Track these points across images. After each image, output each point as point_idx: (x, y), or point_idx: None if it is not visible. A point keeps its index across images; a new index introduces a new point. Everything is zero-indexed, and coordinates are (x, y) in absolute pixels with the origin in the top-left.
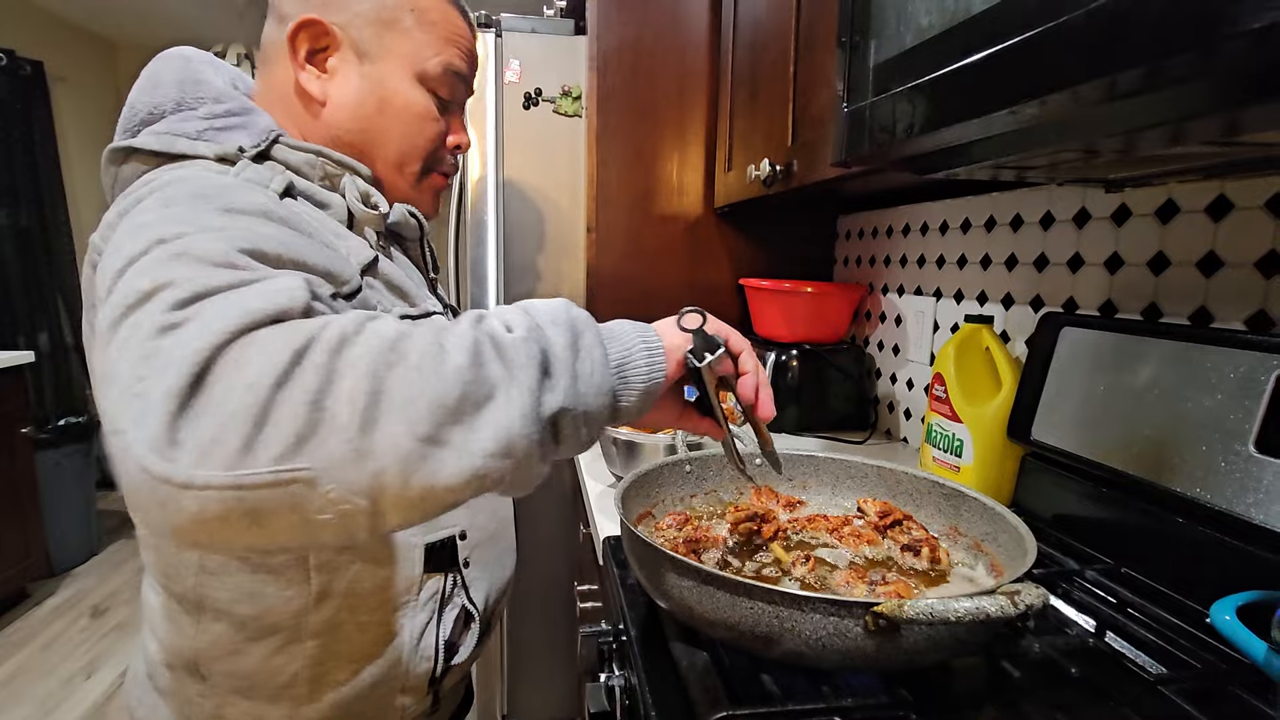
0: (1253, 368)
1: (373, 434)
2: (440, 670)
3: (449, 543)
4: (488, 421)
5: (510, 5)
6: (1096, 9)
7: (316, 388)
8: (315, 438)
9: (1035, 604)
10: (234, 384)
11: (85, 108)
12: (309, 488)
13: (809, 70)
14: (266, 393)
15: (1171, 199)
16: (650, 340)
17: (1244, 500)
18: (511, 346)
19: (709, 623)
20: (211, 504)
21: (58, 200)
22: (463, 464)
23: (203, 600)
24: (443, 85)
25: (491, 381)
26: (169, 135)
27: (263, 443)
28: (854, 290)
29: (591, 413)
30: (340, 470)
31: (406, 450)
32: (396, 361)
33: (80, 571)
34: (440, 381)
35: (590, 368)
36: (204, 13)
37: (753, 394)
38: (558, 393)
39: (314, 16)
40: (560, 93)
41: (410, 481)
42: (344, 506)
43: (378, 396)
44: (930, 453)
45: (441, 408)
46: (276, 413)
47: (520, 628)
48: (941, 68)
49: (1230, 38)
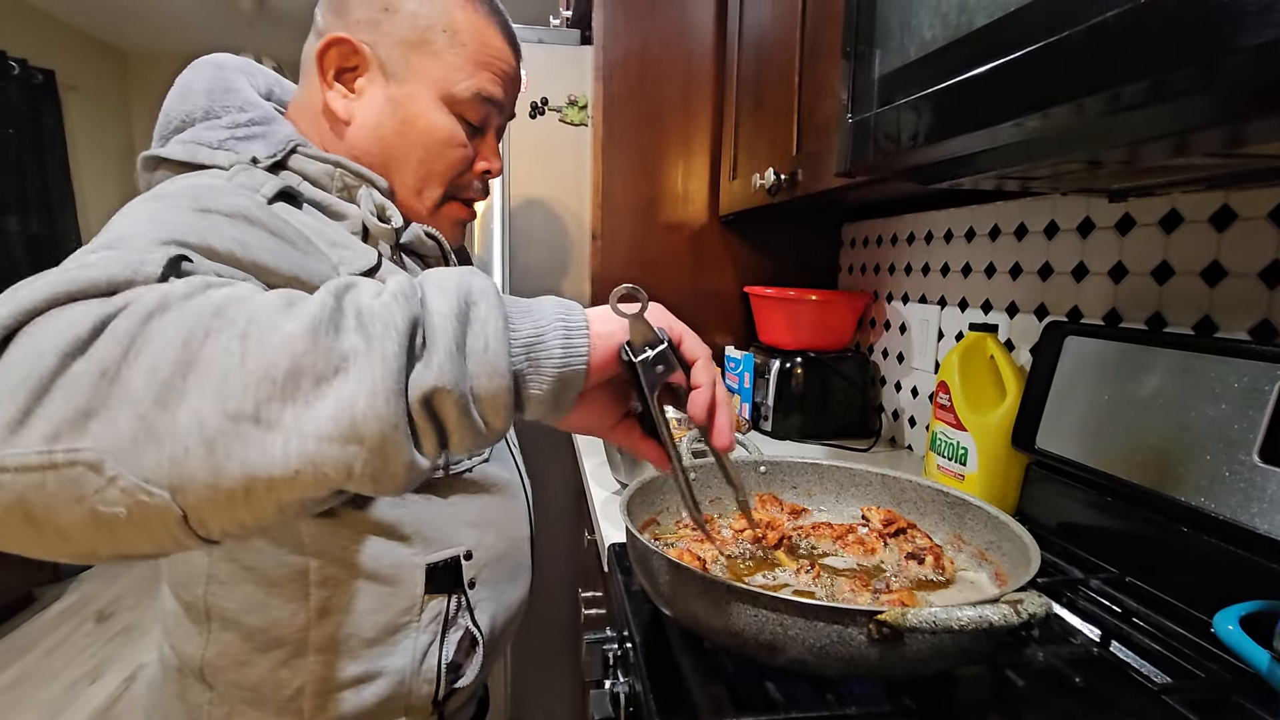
0: (1256, 377)
1: (174, 410)
2: (443, 693)
3: (452, 563)
4: (326, 397)
5: (517, 16)
6: (1098, 24)
7: (114, 357)
8: (104, 413)
9: (1038, 612)
10: (23, 355)
11: (96, 116)
12: (93, 472)
13: (814, 80)
14: (54, 362)
15: (1175, 209)
16: (572, 320)
17: (1248, 510)
18: (371, 314)
19: (713, 630)
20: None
21: (68, 207)
22: (291, 449)
23: (211, 609)
24: (471, 110)
25: (340, 353)
26: (193, 144)
27: (37, 418)
28: (858, 298)
29: (485, 397)
30: (131, 452)
31: (215, 429)
32: (220, 329)
33: (86, 576)
34: (268, 350)
35: (483, 343)
36: (214, 22)
37: (704, 413)
38: (431, 369)
39: (343, 35)
40: (566, 102)
41: (223, 469)
42: (140, 498)
43: (186, 367)
44: (935, 461)
45: (267, 381)
46: (62, 384)
47: (525, 634)
48: (945, 80)
49: (1232, 53)
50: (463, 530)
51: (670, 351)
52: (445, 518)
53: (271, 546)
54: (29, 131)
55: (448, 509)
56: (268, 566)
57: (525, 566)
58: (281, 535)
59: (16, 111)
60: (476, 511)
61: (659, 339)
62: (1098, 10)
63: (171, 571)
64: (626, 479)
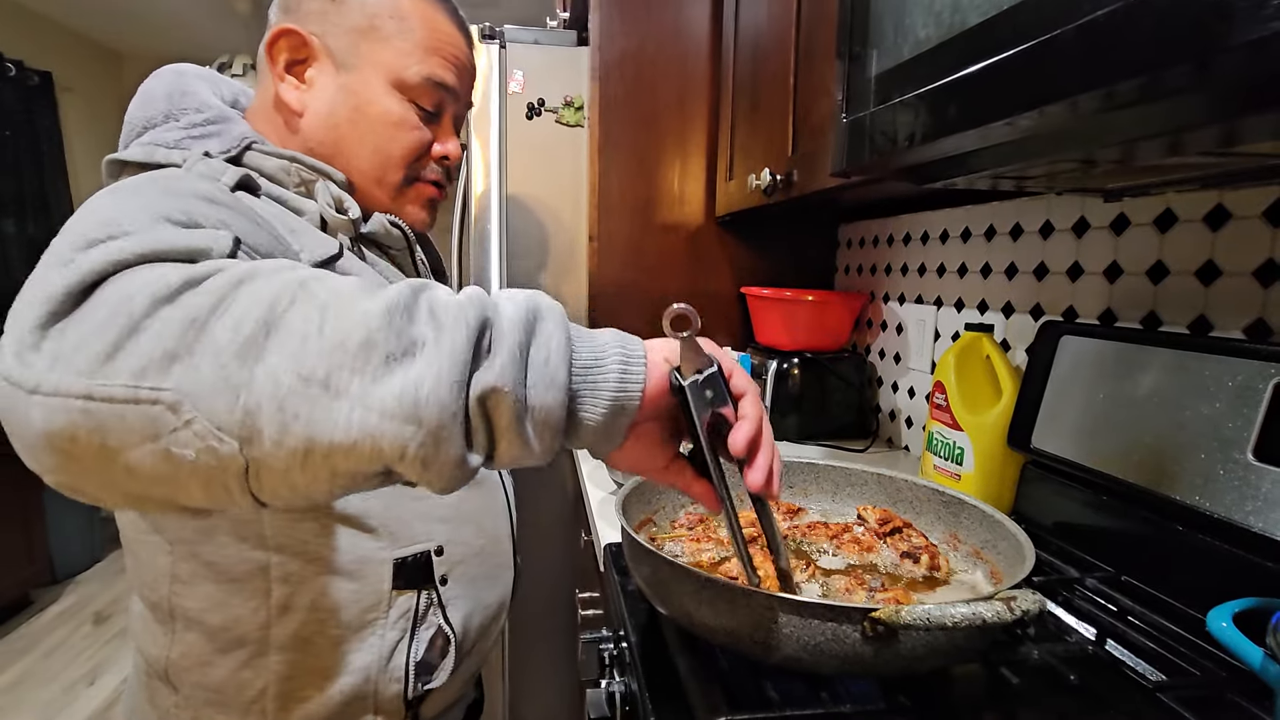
0: (1251, 376)
1: (252, 365)
2: (413, 692)
3: (422, 559)
4: (394, 375)
5: (514, 17)
6: (1089, 23)
7: (203, 309)
8: (188, 359)
9: (1031, 610)
10: (113, 296)
11: (92, 117)
12: (170, 412)
13: (809, 81)
14: (146, 305)
15: (1170, 208)
16: (631, 349)
17: (1243, 508)
18: (446, 308)
19: (708, 629)
20: (57, 415)
21: (65, 209)
22: (354, 418)
23: (174, 610)
24: (424, 95)
25: (411, 337)
26: (150, 145)
27: (127, 354)
28: (855, 299)
29: (539, 409)
30: (208, 398)
31: (287, 388)
32: (303, 299)
33: (83, 578)
34: (345, 323)
35: (545, 356)
36: (210, 23)
37: (745, 447)
38: (493, 369)
39: (290, 26)
40: (563, 103)
41: (289, 428)
42: (210, 443)
43: (268, 328)
44: (931, 461)
45: (340, 350)
46: (152, 326)
47: (522, 634)
48: (938, 79)
49: (1225, 51)
50: (434, 525)
51: (719, 377)
52: (415, 512)
53: (234, 541)
54: (25, 133)
55: (418, 503)
56: (229, 563)
57: (505, 565)
58: (243, 529)
59: (13, 113)
60: (449, 507)
61: (709, 364)
62: (1089, 8)
63: (138, 573)
64: (622, 479)
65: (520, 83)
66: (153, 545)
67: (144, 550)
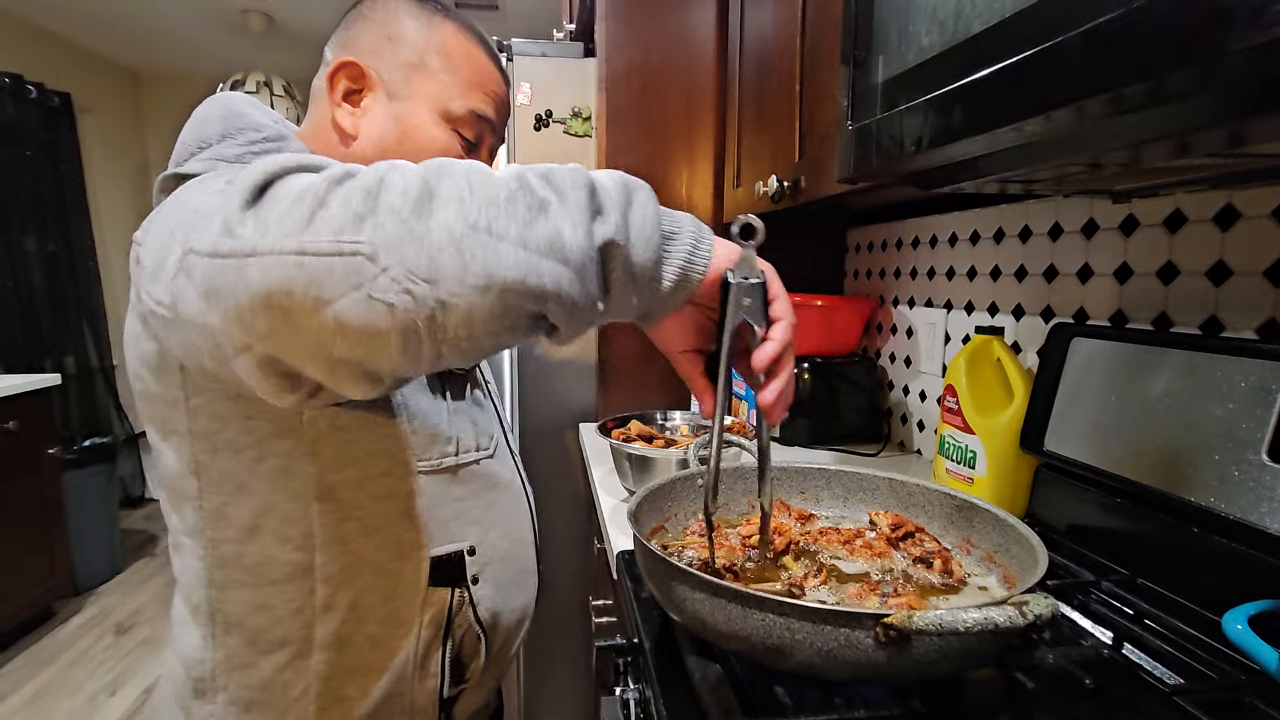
0: (1263, 376)
1: (427, 220)
2: (447, 691)
3: (455, 558)
4: (539, 223)
5: (521, 30)
6: (1092, 29)
7: (371, 184)
8: (374, 218)
9: (1044, 614)
10: (294, 186)
11: (111, 136)
12: (370, 262)
13: (814, 87)
14: (325, 186)
15: (1179, 209)
16: (703, 232)
17: (1258, 509)
18: (561, 175)
19: (721, 635)
20: (275, 271)
21: (84, 226)
22: (519, 256)
23: (216, 613)
24: (466, 126)
25: (541, 198)
26: (212, 159)
27: (323, 219)
28: (864, 303)
29: (638, 264)
30: (398, 248)
31: (460, 234)
32: (446, 176)
33: (104, 590)
34: (489, 188)
35: (642, 219)
36: (225, 42)
37: (766, 363)
38: (608, 224)
39: (351, 59)
40: (570, 114)
41: (469, 267)
42: (406, 285)
43: (429, 195)
44: (944, 464)
45: (493, 204)
46: (336, 197)
47: (537, 642)
48: (943, 86)
49: (1229, 54)
50: (467, 527)
51: (762, 290)
52: (450, 512)
53: (276, 543)
54: (46, 153)
55: (452, 504)
56: (271, 565)
57: (530, 571)
58: (288, 528)
59: (34, 133)
60: (480, 509)
61: (759, 275)
62: (1092, 15)
63: (183, 576)
64: (634, 486)
65: (528, 95)
66: (190, 549)
67: (184, 554)
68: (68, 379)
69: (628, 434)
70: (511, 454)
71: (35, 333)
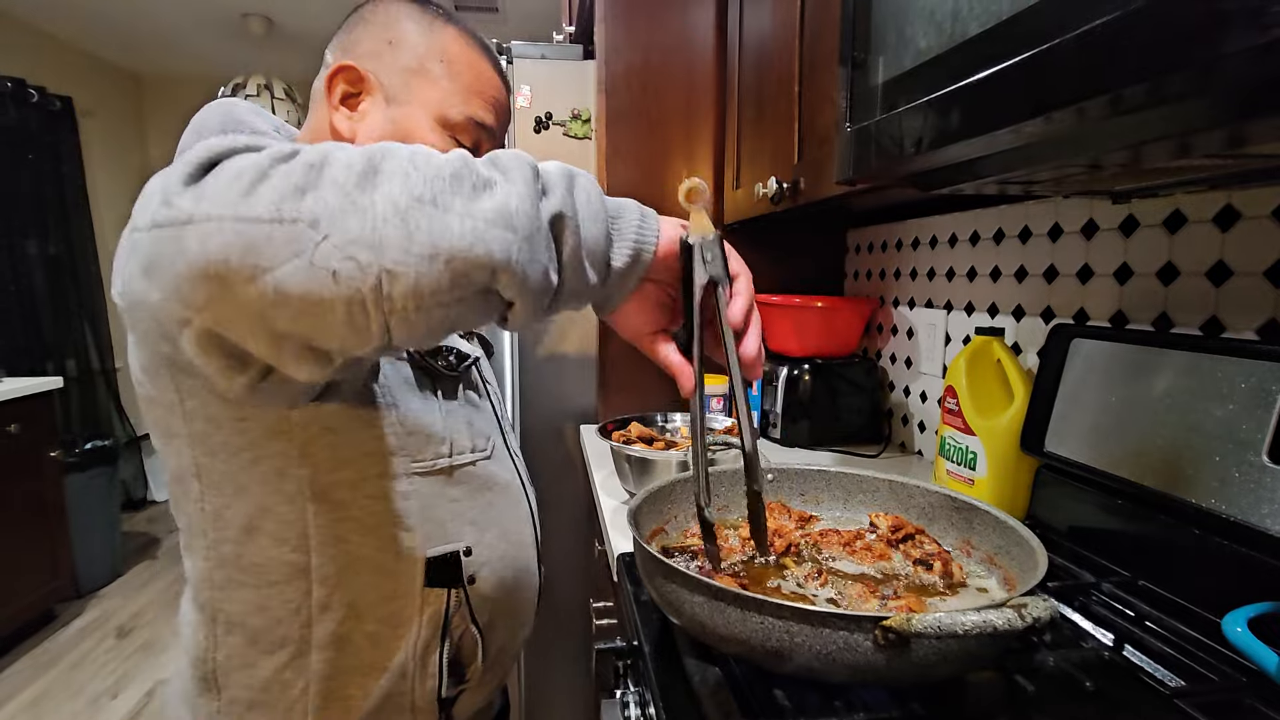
0: (1264, 377)
1: (370, 192)
2: (446, 691)
3: (451, 558)
4: (485, 197)
5: (521, 32)
6: (1088, 31)
7: (315, 161)
8: (315, 191)
9: (1043, 617)
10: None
11: (112, 140)
12: (310, 229)
13: (814, 89)
14: (268, 162)
15: (1179, 209)
16: (646, 209)
17: (1258, 511)
18: (504, 158)
19: (721, 638)
20: (212, 238)
21: (85, 229)
22: (466, 226)
23: (218, 613)
24: (464, 132)
25: (486, 176)
26: None
27: (263, 191)
28: (865, 304)
29: (589, 239)
30: (340, 219)
31: (405, 206)
32: (390, 155)
33: (106, 592)
34: (432, 167)
35: (586, 196)
36: (225, 46)
37: (742, 318)
38: (555, 198)
39: (350, 63)
40: (570, 116)
41: (414, 236)
42: (349, 252)
43: (373, 172)
44: (944, 466)
45: (439, 179)
46: (278, 171)
47: (538, 643)
48: (941, 88)
49: (1227, 56)
50: (464, 527)
51: (721, 241)
52: (446, 513)
53: (274, 545)
54: (48, 156)
55: (448, 505)
56: (269, 566)
57: (530, 571)
58: (285, 530)
59: (36, 137)
60: (477, 510)
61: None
62: (1089, 17)
63: (191, 575)
64: (634, 489)
65: (528, 97)
66: (197, 550)
67: (192, 555)
68: (69, 382)
69: (628, 436)
70: (511, 455)
71: (37, 335)
